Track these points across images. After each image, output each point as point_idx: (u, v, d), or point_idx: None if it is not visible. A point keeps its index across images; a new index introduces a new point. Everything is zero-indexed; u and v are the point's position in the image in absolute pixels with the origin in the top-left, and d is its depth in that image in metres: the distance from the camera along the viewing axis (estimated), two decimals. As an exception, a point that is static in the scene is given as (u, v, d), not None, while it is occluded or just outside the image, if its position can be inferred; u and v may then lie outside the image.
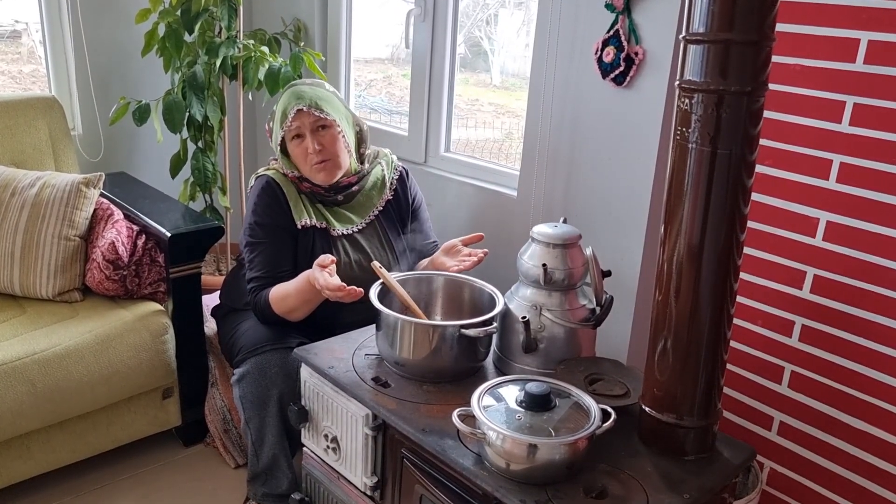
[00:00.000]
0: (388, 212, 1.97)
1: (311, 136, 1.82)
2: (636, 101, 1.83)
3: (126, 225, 2.08)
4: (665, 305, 1.28)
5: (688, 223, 1.22)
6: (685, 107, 1.18)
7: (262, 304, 1.79)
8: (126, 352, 1.93)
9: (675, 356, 1.29)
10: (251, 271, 1.85)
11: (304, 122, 1.81)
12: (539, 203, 2.07)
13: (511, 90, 2.76)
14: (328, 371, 1.54)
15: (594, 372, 1.49)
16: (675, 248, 1.24)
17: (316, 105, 1.82)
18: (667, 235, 1.26)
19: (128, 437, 2.05)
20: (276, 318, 1.79)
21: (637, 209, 1.88)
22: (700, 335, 1.26)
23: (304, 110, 1.80)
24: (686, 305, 1.25)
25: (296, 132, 1.83)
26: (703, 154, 1.18)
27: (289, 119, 1.80)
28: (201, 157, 2.56)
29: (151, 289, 2.09)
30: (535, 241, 1.54)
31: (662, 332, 1.30)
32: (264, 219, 1.84)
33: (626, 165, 1.89)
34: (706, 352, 1.27)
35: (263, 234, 1.84)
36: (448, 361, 1.51)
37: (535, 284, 1.53)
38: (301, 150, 1.83)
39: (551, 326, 1.51)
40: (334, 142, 1.85)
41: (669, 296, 1.27)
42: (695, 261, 1.23)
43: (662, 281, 1.28)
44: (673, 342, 1.29)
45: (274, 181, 1.87)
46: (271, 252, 1.83)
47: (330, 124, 1.84)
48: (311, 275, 1.64)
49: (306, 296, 1.72)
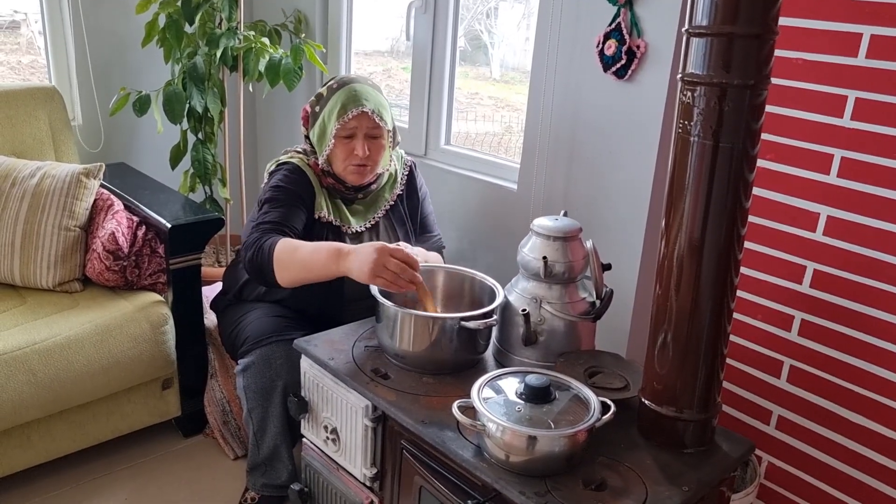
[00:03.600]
0: (398, 207, 1.98)
1: (363, 140, 1.79)
2: (638, 95, 1.83)
3: (126, 216, 2.08)
4: (665, 299, 1.28)
5: (689, 217, 1.22)
6: (687, 100, 1.18)
7: (264, 247, 1.65)
8: (126, 342, 1.93)
9: (675, 350, 1.29)
10: (263, 216, 1.74)
11: (361, 124, 1.78)
12: (539, 196, 2.07)
13: (511, 84, 2.76)
14: (328, 362, 1.54)
15: (594, 365, 1.50)
16: (675, 241, 1.25)
17: (378, 112, 1.79)
18: (668, 229, 1.26)
19: (127, 428, 2.06)
20: (266, 270, 1.65)
21: (637, 203, 1.88)
22: (700, 329, 1.26)
23: (367, 113, 1.77)
24: (686, 299, 1.25)
25: (351, 131, 1.78)
26: (704, 148, 1.18)
27: (348, 115, 1.76)
28: (201, 149, 2.56)
29: (151, 280, 2.09)
30: (535, 234, 1.54)
31: (662, 325, 1.30)
32: (290, 186, 1.80)
33: (627, 159, 1.89)
34: (706, 346, 1.27)
35: (285, 196, 1.78)
36: (448, 354, 1.51)
37: (536, 277, 1.53)
38: (346, 149, 1.79)
39: (551, 319, 1.51)
40: (380, 151, 1.83)
41: (670, 290, 1.27)
42: (695, 255, 1.23)
43: (663, 275, 1.28)
44: (673, 336, 1.29)
45: (300, 169, 1.85)
46: (289, 211, 1.75)
47: (382, 134, 1.82)
48: (380, 246, 1.50)
49: (318, 262, 1.59)
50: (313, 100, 1.86)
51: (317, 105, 1.84)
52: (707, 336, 1.27)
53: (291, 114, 2.92)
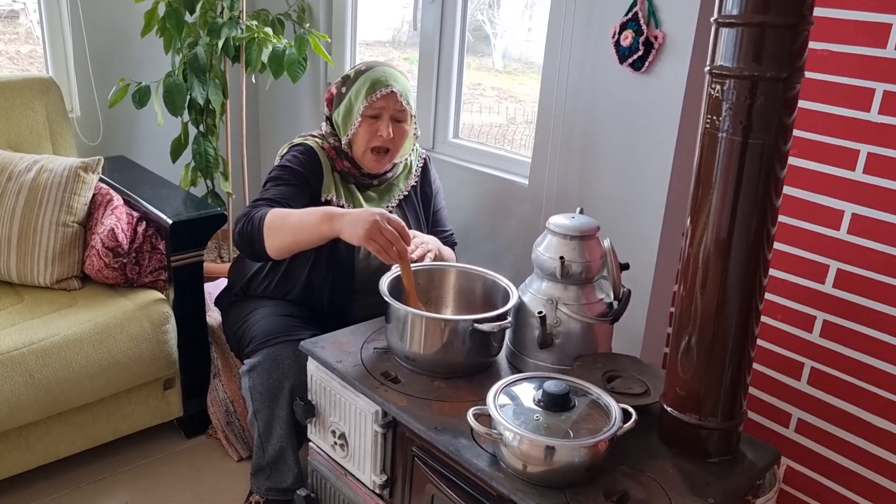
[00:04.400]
0: (411, 198, 1.94)
1: (388, 122, 1.77)
2: (655, 88, 1.77)
3: (126, 211, 2.02)
4: (690, 300, 1.23)
5: (716, 215, 1.16)
6: (716, 94, 1.12)
7: (254, 217, 1.63)
8: (126, 342, 1.87)
9: (699, 354, 1.24)
10: (262, 193, 1.74)
11: (389, 104, 1.76)
12: (552, 192, 2.01)
13: (513, 74, 2.72)
14: (336, 365, 1.48)
15: (612, 369, 1.44)
16: (702, 240, 1.19)
17: (406, 95, 1.78)
18: (694, 228, 1.20)
19: (128, 429, 2.01)
20: (256, 239, 1.61)
21: (654, 200, 1.82)
22: (726, 331, 1.21)
23: (395, 94, 1.75)
24: (713, 300, 1.20)
25: (377, 111, 1.76)
26: (733, 144, 1.12)
27: (377, 94, 1.74)
28: (202, 142, 2.50)
29: (152, 277, 2.03)
30: (551, 233, 1.48)
31: (686, 328, 1.25)
32: (296, 167, 1.78)
33: (644, 154, 1.83)
34: (732, 349, 1.22)
35: (289, 175, 1.77)
36: (460, 357, 1.46)
37: (552, 277, 1.47)
38: (371, 129, 1.77)
39: (567, 321, 1.46)
40: (403, 137, 1.81)
41: (695, 290, 1.22)
42: (723, 254, 1.17)
43: (688, 275, 1.23)
44: (697, 339, 1.23)
45: (312, 150, 1.82)
46: (290, 190, 1.74)
47: (406, 119, 1.80)
48: (379, 211, 1.51)
49: (307, 223, 1.57)
50: (339, 81, 1.85)
51: (343, 86, 1.83)
52: (734, 339, 1.21)
53: (294, 105, 2.86)
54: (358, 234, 1.49)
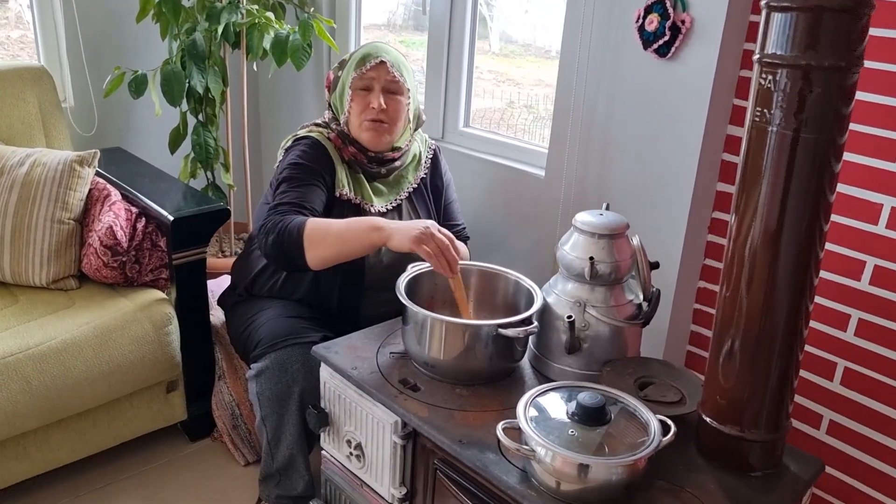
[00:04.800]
0: (421, 190, 1.86)
1: (379, 93, 1.71)
2: (682, 75, 1.68)
3: (124, 207, 1.93)
4: (734, 301, 1.15)
5: (764, 212, 1.08)
6: (767, 84, 1.04)
7: (291, 228, 1.53)
8: (127, 345, 1.79)
9: (742, 359, 1.16)
10: (280, 197, 1.64)
11: (380, 75, 1.71)
12: (570, 184, 1.93)
13: (511, 57, 2.64)
14: (351, 372, 1.41)
15: (644, 375, 1.37)
16: (748, 238, 1.11)
17: (398, 66, 1.73)
18: (739, 224, 1.12)
19: (130, 434, 1.93)
20: (294, 252, 1.53)
21: (679, 194, 1.74)
22: (773, 334, 1.12)
23: (385, 64, 1.70)
24: (759, 300, 1.11)
25: (367, 83, 1.71)
26: (785, 139, 1.04)
27: (366, 66, 1.70)
28: (202, 132, 2.40)
29: (153, 276, 1.95)
30: (578, 231, 1.40)
31: (729, 330, 1.17)
32: (308, 163, 1.70)
33: (669, 145, 1.74)
34: (779, 353, 1.13)
35: (304, 174, 1.68)
36: (483, 363, 1.38)
37: (579, 278, 1.39)
38: (363, 102, 1.72)
39: (596, 324, 1.38)
40: (398, 109, 1.74)
41: (740, 290, 1.13)
42: (771, 252, 1.09)
43: (731, 274, 1.15)
44: (741, 342, 1.15)
45: (319, 143, 1.74)
46: (308, 191, 1.65)
47: (401, 91, 1.74)
48: (431, 221, 1.48)
49: (355, 233, 1.51)
50: (336, 66, 1.80)
51: (340, 70, 1.79)
52: (781, 342, 1.13)
53: (297, 94, 2.76)
54: (409, 238, 1.43)
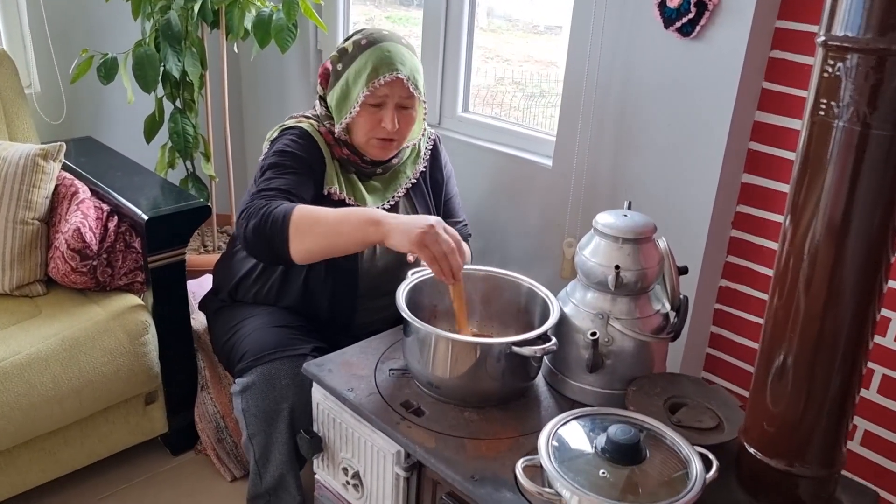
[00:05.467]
0: (420, 186, 1.69)
1: (394, 111, 1.50)
2: (707, 57, 1.52)
3: (94, 205, 1.76)
4: (788, 310, 1.00)
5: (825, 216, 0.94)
6: (835, 72, 0.88)
7: (276, 213, 1.35)
8: (99, 358, 1.63)
9: (796, 379, 1.01)
10: (266, 182, 1.45)
11: (394, 92, 1.49)
12: (581, 175, 1.77)
13: (498, 32, 2.50)
14: (347, 395, 1.26)
15: (674, 395, 1.23)
16: (806, 240, 0.96)
17: (414, 79, 1.50)
18: (795, 227, 0.97)
19: (106, 451, 1.78)
20: (278, 240, 1.35)
21: (702, 187, 1.59)
22: (834, 345, 0.97)
23: (402, 80, 1.48)
24: (818, 306, 0.96)
25: (380, 100, 1.49)
26: (853, 135, 0.89)
27: (380, 81, 1.46)
28: (180, 119, 2.22)
29: (127, 279, 1.78)
30: (599, 235, 1.25)
31: (781, 344, 1.02)
32: (298, 152, 1.51)
33: (692, 134, 1.59)
34: (840, 368, 0.99)
35: (292, 162, 1.49)
36: (494, 383, 1.24)
37: (600, 287, 1.25)
38: (373, 119, 1.51)
39: (620, 339, 1.24)
40: (410, 124, 1.55)
41: (796, 295, 0.98)
42: (835, 251, 0.94)
43: (786, 280, 1.00)
44: (795, 358, 1.01)
45: (309, 135, 1.55)
46: (297, 179, 1.47)
47: (415, 105, 1.54)
48: (436, 218, 1.28)
49: (348, 225, 1.32)
50: (335, 56, 1.56)
51: (339, 62, 1.54)
52: (842, 357, 0.98)
53: (282, 77, 2.57)
54: (410, 237, 1.24)
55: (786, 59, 1.50)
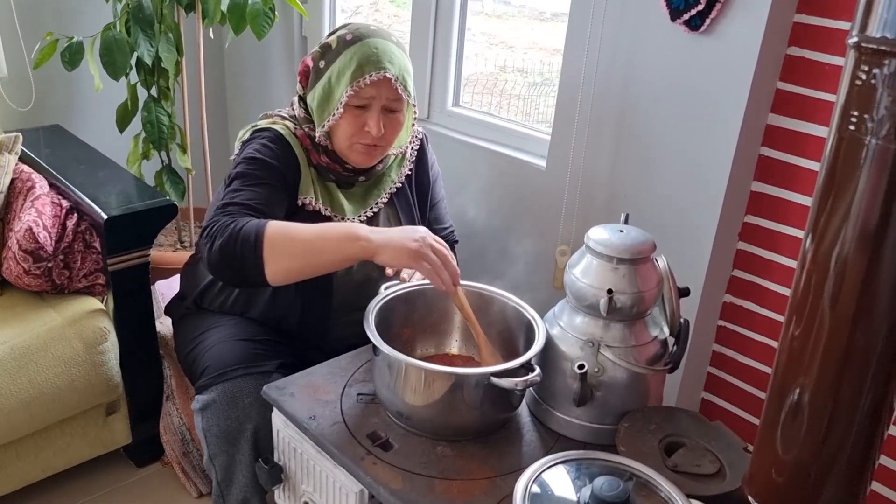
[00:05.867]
0: (404, 191, 1.55)
1: (380, 115, 1.37)
2: (717, 53, 1.38)
3: (52, 200, 1.64)
4: (807, 336, 0.86)
5: (852, 241, 0.81)
6: (869, 80, 0.75)
7: (246, 230, 1.21)
8: (51, 368, 1.52)
9: (813, 416, 0.88)
10: (231, 196, 1.31)
11: (381, 93, 1.35)
12: (576, 178, 1.64)
13: (503, 18, 2.41)
14: (308, 423, 1.14)
15: (671, 433, 1.10)
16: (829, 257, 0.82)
17: (403, 79, 1.37)
18: (817, 247, 0.84)
19: (63, 464, 1.67)
20: (249, 261, 1.20)
21: (708, 194, 1.46)
22: (865, 360, 0.83)
23: (389, 80, 1.34)
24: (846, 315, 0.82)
25: (365, 101, 1.36)
26: (888, 155, 0.76)
27: (365, 80, 1.33)
28: (154, 108, 2.09)
29: (88, 282, 1.66)
30: (592, 253, 1.12)
31: (797, 379, 0.88)
32: (269, 160, 1.37)
33: (698, 136, 1.45)
34: (870, 391, 0.85)
35: (262, 171, 1.35)
36: (470, 416, 1.12)
37: (591, 311, 1.12)
38: (356, 122, 1.37)
39: (612, 369, 1.11)
40: (397, 129, 1.42)
41: (819, 312, 0.83)
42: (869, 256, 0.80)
43: (806, 303, 0.85)
44: (814, 391, 0.87)
45: (283, 139, 1.41)
46: (267, 192, 1.33)
47: (403, 108, 1.41)
48: (423, 229, 1.21)
49: (328, 243, 1.21)
50: (317, 52, 1.41)
51: (321, 59, 1.39)
52: (873, 377, 0.84)
53: (265, 66, 2.44)
54: (407, 253, 1.17)
55: (804, 58, 1.36)
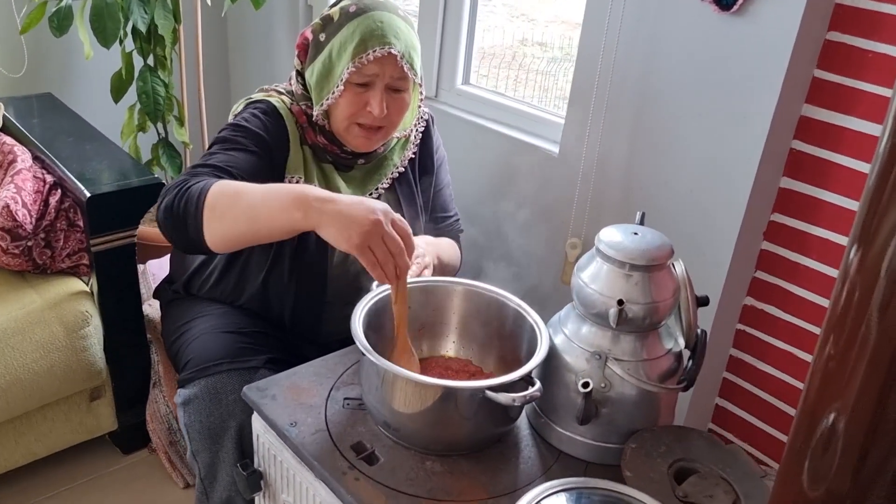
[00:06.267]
0: (407, 175, 1.45)
1: (384, 94, 1.27)
2: (750, 35, 1.26)
3: (34, 175, 1.55)
4: (846, 355, 0.74)
5: None
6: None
7: (192, 190, 1.10)
8: (30, 353, 1.45)
9: (848, 445, 0.76)
10: (205, 158, 1.23)
11: (384, 70, 1.25)
12: (590, 168, 1.53)
13: None
14: (288, 430, 1.05)
15: (682, 458, 1.01)
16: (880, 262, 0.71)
17: (410, 57, 1.27)
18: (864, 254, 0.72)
19: (45, 450, 1.61)
20: (189, 220, 1.09)
21: (733, 189, 1.35)
22: None
23: (395, 57, 1.24)
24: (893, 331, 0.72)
25: (367, 79, 1.26)
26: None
27: (368, 56, 1.23)
28: (150, 77, 1.99)
29: (71, 261, 1.59)
30: (602, 257, 1.02)
31: (832, 403, 0.78)
32: (259, 130, 1.27)
33: (725, 126, 1.34)
34: None
35: (246, 139, 1.25)
36: (463, 431, 1.03)
37: (599, 320, 1.02)
38: (357, 101, 1.27)
39: (620, 385, 1.01)
40: (401, 110, 1.32)
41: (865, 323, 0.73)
42: None
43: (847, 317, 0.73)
44: (851, 416, 0.76)
45: (277, 112, 1.31)
46: (247, 159, 1.23)
47: (408, 87, 1.30)
48: (383, 206, 1.01)
49: (271, 206, 1.05)
50: (318, 24, 1.30)
51: (322, 32, 1.29)
52: None
53: (269, 37, 2.33)
54: (349, 237, 0.98)
55: (845, 44, 1.24)
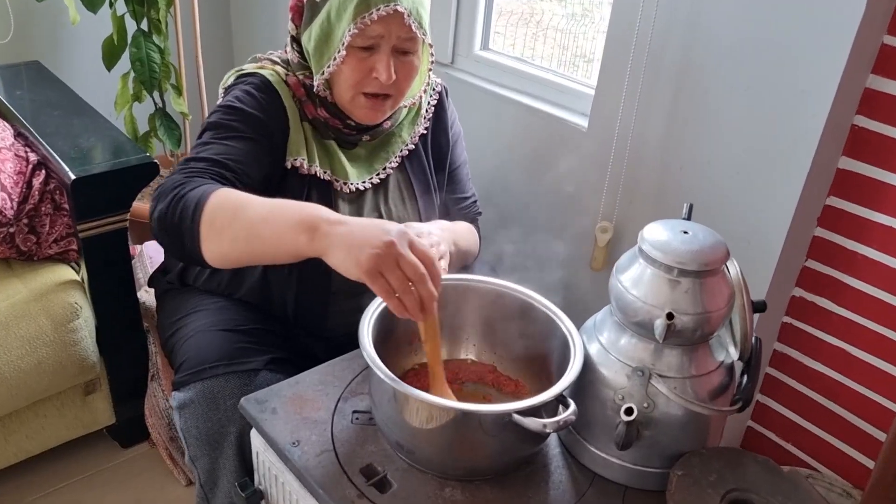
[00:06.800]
0: (418, 152, 1.31)
1: (389, 57, 1.13)
2: (808, 6, 1.10)
3: (15, 154, 1.43)
4: None
5: None
6: None
7: (188, 198, 0.98)
8: (14, 349, 1.34)
9: None
10: (198, 149, 1.11)
11: (391, 31, 1.11)
12: (623, 146, 1.39)
13: None
14: (290, 451, 0.94)
15: (735, 487, 0.89)
16: None
17: (418, 14, 1.12)
18: None
19: (38, 447, 1.52)
20: (186, 236, 0.98)
21: (787, 170, 1.21)
22: None
23: (401, 15, 1.10)
24: None
25: (372, 41, 1.12)
26: None
27: (372, 16, 1.08)
28: (144, 43, 1.86)
29: (60, 247, 1.48)
30: (646, 259, 0.88)
31: None
32: (255, 111, 1.15)
33: (778, 101, 1.19)
34: None
35: (241, 123, 1.13)
36: (487, 454, 0.91)
37: (642, 331, 0.89)
38: (362, 67, 1.13)
39: (665, 405, 0.89)
40: (410, 75, 1.18)
41: None
42: None
43: None
44: None
45: (270, 86, 1.18)
46: (247, 148, 1.12)
47: (417, 49, 1.16)
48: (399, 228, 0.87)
49: (275, 228, 0.92)
50: None
51: None
52: None
53: None
54: (357, 261, 0.84)
55: (924, 6, 1.08)
